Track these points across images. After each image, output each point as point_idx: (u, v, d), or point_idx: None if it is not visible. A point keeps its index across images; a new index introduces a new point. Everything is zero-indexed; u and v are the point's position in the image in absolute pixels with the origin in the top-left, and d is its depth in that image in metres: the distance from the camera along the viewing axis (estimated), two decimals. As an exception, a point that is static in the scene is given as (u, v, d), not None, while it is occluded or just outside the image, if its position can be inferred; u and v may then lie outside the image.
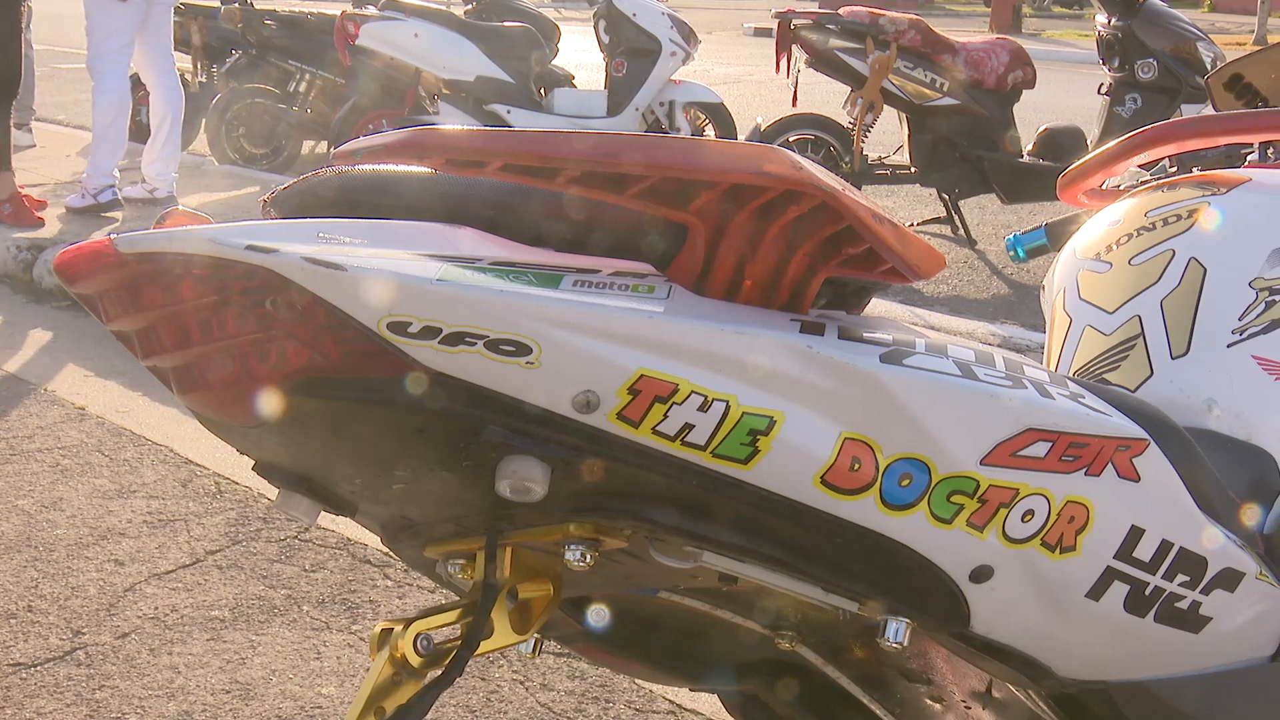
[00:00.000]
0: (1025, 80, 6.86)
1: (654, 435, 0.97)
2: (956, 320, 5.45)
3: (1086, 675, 1.20)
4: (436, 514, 1.13)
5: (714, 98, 8.12)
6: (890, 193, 8.04)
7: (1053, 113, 8.37)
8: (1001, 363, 1.07)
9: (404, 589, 3.03)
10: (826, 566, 1.06)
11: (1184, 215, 1.62)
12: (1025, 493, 1.04)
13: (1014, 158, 6.79)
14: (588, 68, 10.11)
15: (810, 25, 6.77)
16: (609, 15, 7.85)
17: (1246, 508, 1.32)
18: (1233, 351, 1.51)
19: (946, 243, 7.03)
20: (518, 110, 7.58)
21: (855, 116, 6.77)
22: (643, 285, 1.00)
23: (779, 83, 7.01)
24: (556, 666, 2.74)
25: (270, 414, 0.99)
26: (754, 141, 4.99)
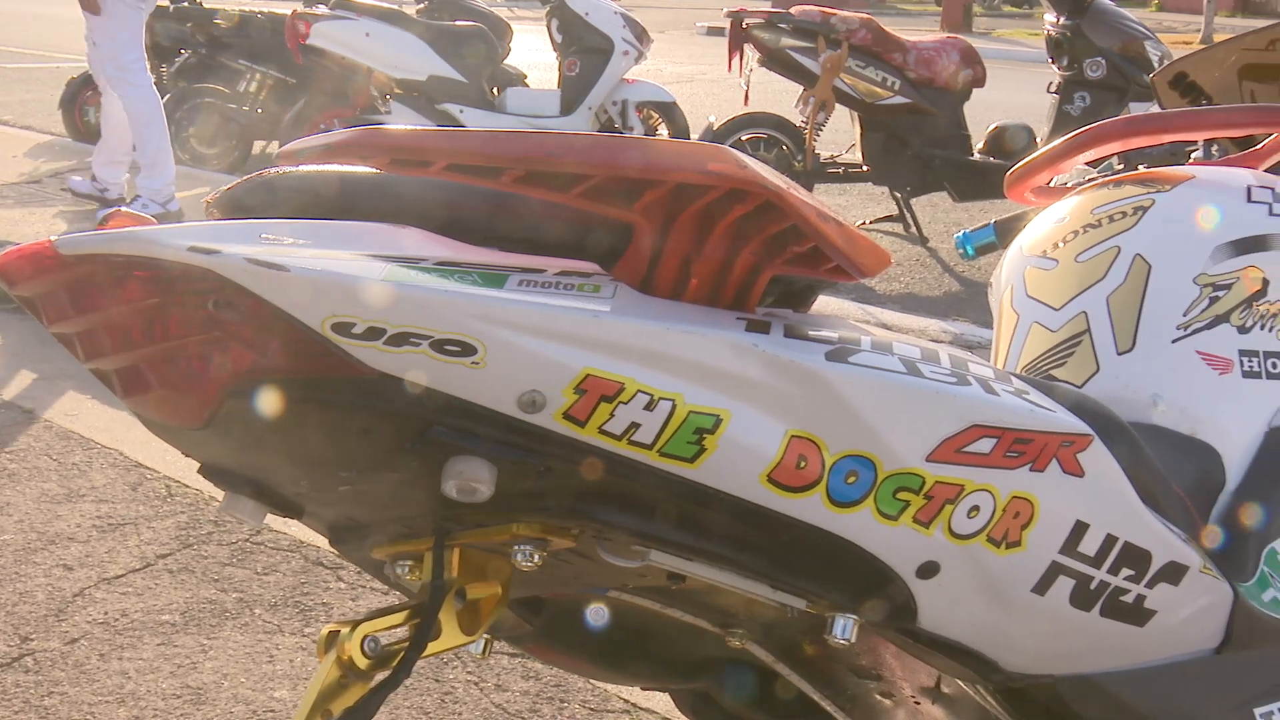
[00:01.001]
0: (975, 79, 6.90)
1: (600, 434, 0.97)
2: (908, 317, 5.48)
3: (1033, 669, 1.20)
4: (383, 515, 1.12)
5: (667, 97, 8.12)
6: (843, 191, 8.06)
7: (1003, 111, 8.41)
8: (947, 360, 1.07)
9: (357, 591, 3.02)
10: (774, 564, 1.06)
11: (1129, 212, 1.63)
12: (970, 489, 1.05)
13: (965, 156, 6.83)
14: (541, 67, 10.08)
15: (762, 24, 6.79)
16: (561, 14, 7.84)
17: (1191, 502, 1.34)
18: (1177, 347, 1.52)
19: (898, 241, 7.07)
20: (470, 110, 7.55)
21: (807, 115, 6.79)
22: (588, 285, 0.99)
23: (732, 81, 7.02)
24: (511, 667, 2.73)
25: (214, 417, 0.99)
26: (706, 140, 5.00)
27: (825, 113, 6.79)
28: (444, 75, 7.49)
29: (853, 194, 8.05)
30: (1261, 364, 1.53)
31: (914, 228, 7.03)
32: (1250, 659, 1.32)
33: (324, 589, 3.03)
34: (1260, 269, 1.56)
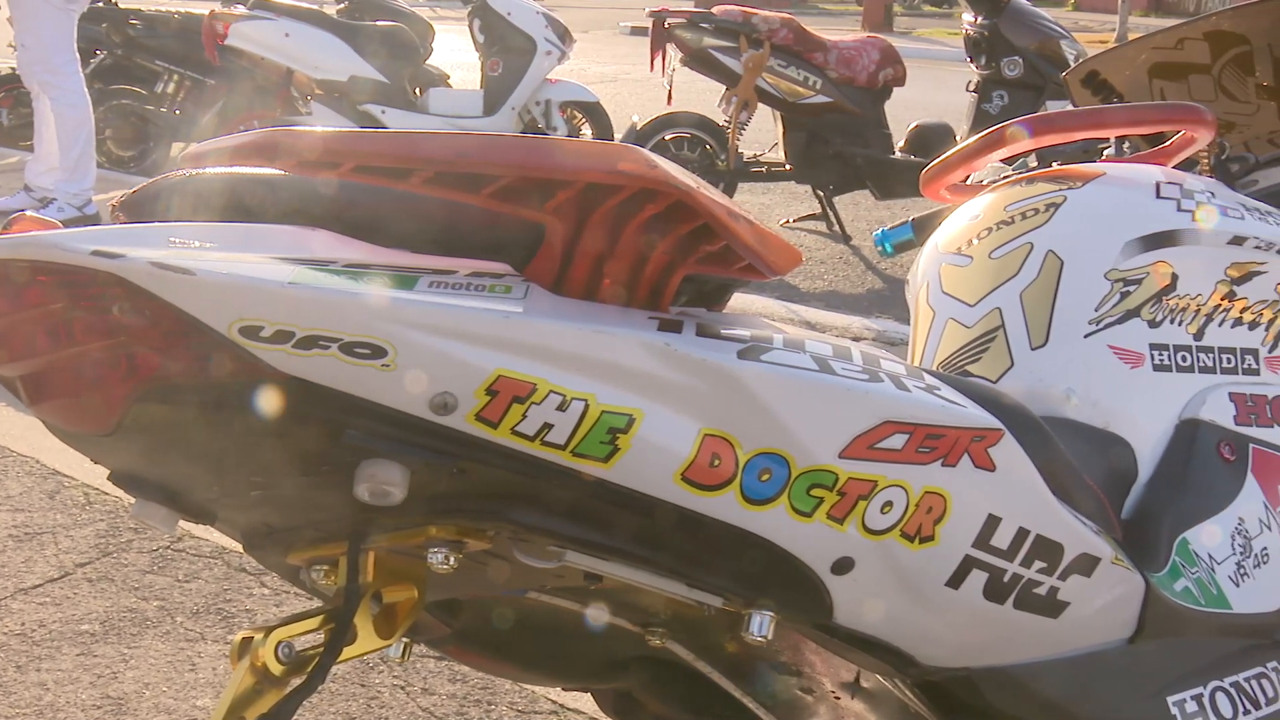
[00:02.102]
0: (895, 78, 6.96)
1: (513, 435, 0.96)
2: (831, 315, 5.52)
3: (950, 662, 1.22)
4: (297, 520, 1.11)
5: (590, 96, 8.12)
6: (766, 190, 8.10)
7: (923, 109, 8.50)
8: (859, 357, 1.08)
9: (281, 596, 2.99)
10: (689, 562, 1.06)
11: (1041, 209, 1.65)
12: (884, 484, 1.05)
13: (886, 154, 6.89)
14: (464, 67, 10.04)
15: (684, 24, 6.80)
16: (483, 14, 7.81)
17: (1104, 494, 1.36)
18: (1090, 341, 1.54)
19: (821, 239, 7.11)
20: (392, 110, 7.51)
21: (730, 114, 6.82)
22: (500, 285, 0.99)
23: (655, 81, 7.03)
24: (438, 670, 2.72)
25: (122, 423, 0.97)
26: (630, 140, 5.00)
27: (748, 112, 6.82)
28: (365, 76, 7.44)
29: (776, 193, 8.09)
30: (1171, 357, 1.55)
31: (837, 226, 7.08)
32: (1163, 648, 1.34)
33: (247, 595, 3.00)
34: (1169, 264, 1.58)
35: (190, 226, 1.00)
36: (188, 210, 1.05)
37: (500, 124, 7.70)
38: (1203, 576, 1.41)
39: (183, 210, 1.05)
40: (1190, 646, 1.37)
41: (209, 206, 1.05)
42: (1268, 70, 2.22)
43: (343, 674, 2.69)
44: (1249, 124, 2.28)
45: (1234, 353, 1.59)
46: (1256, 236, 1.61)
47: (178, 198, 1.06)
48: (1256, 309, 1.60)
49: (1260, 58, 2.22)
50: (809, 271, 6.41)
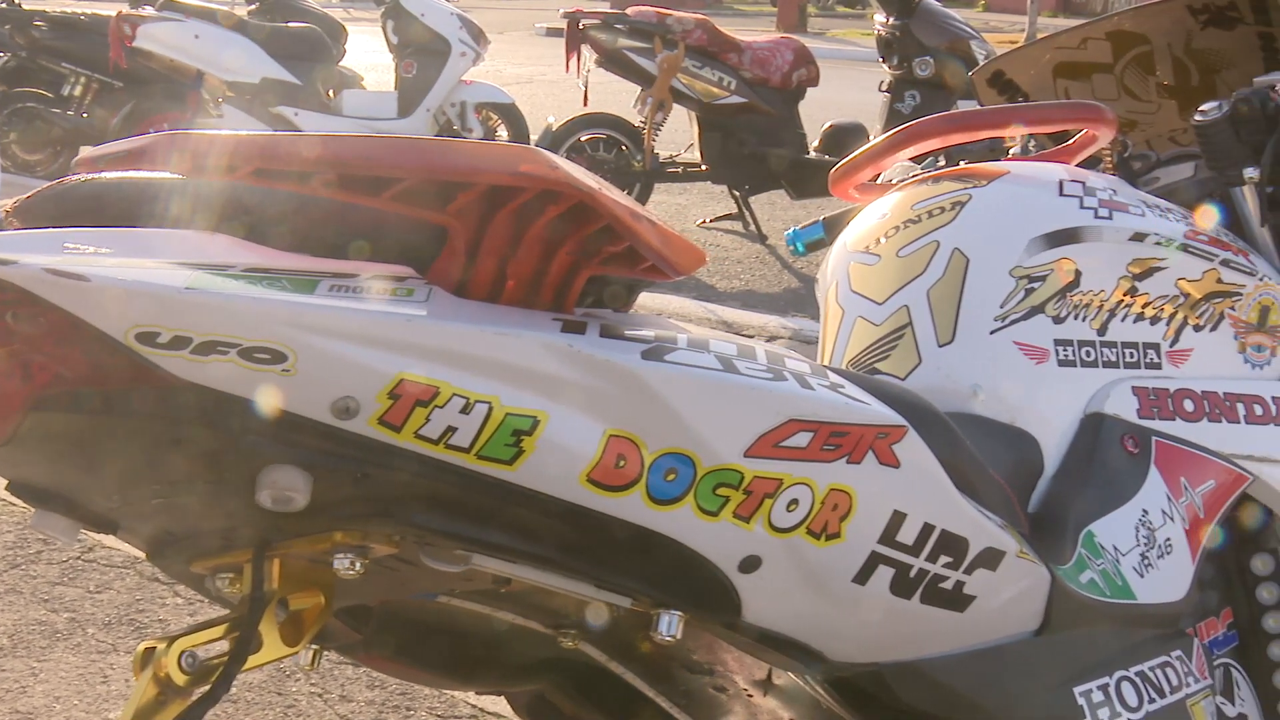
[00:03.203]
0: (809, 78, 7.02)
1: (417, 439, 0.96)
2: (748, 314, 5.55)
3: (859, 658, 1.22)
4: (200, 527, 1.10)
5: (505, 98, 8.09)
6: (683, 190, 8.12)
7: (838, 109, 8.56)
8: (763, 356, 1.08)
9: (195, 605, 2.95)
10: (597, 563, 1.06)
11: (947, 208, 1.67)
12: (789, 482, 1.06)
13: (801, 154, 6.94)
14: (378, 68, 9.97)
15: (599, 25, 6.81)
16: (396, 16, 7.75)
17: (1011, 488, 1.37)
18: (995, 338, 1.56)
19: (738, 239, 7.14)
20: (305, 112, 7.43)
21: (646, 115, 6.83)
22: (401, 289, 0.99)
23: (571, 82, 7.03)
24: (356, 677, 2.70)
25: (17, 432, 0.96)
26: (545, 141, 4.97)
27: (663, 113, 6.84)
28: (277, 78, 7.35)
29: (692, 193, 8.11)
30: (1076, 352, 1.57)
31: (753, 225, 7.12)
32: (1069, 639, 1.36)
33: (160, 605, 2.96)
34: (1073, 260, 1.60)
35: (85, 232, 0.98)
36: (83, 215, 1.03)
37: (415, 126, 7.65)
38: (1108, 568, 1.43)
39: (78, 215, 1.04)
40: (1096, 637, 1.39)
41: (104, 211, 1.03)
42: (1168, 70, 2.26)
43: (259, 682, 2.66)
44: (1151, 122, 2.32)
45: (1136, 347, 1.61)
46: (1157, 233, 1.63)
47: (72, 202, 1.04)
48: (1158, 304, 1.63)
49: (1161, 57, 2.26)
50: (726, 271, 6.44)
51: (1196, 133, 1.88)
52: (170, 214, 1.02)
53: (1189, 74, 2.25)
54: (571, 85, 7.13)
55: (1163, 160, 2.07)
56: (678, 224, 7.46)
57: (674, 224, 7.40)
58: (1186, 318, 1.65)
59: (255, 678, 2.67)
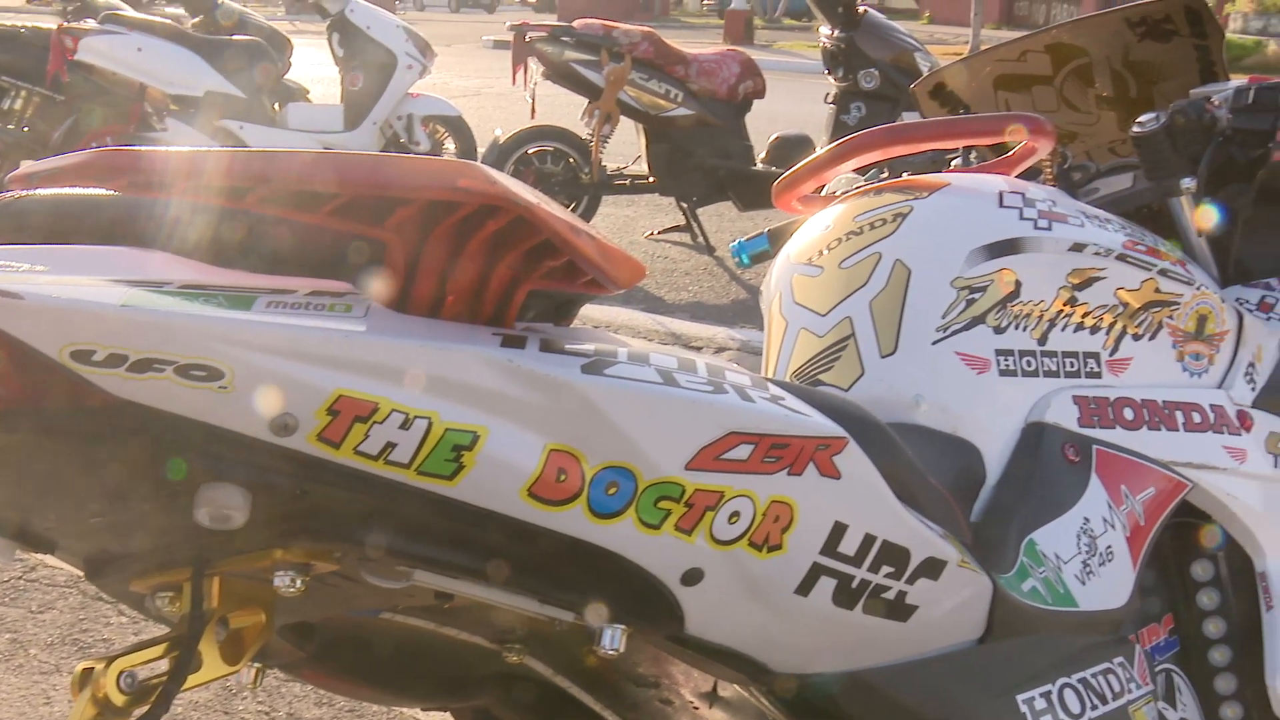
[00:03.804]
0: (756, 90, 7.05)
1: (356, 455, 0.95)
2: (697, 326, 5.56)
3: (803, 669, 1.23)
4: (138, 546, 1.09)
5: (452, 111, 8.08)
6: (630, 202, 8.14)
7: (784, 121, 8.61)
8: (703, 369, 1.09)
9: (139, 624, 2.92)
10: (538, 578, 1.06)
11: (889, 219, 1.68)
12: (730, 495, 1.06)
13: (748, 166, 6.96)
14: (324, 81, 9.93)
15: (545, 38, 6.81)
16: (342, 28, 7.72)
17: (953, 497, 1.38)
18: (937, 348, 1.57)
19: (686, 250, 7.16)
20: (251, 126, 7.38)
21: (593, 128, 6.85)
22: (340, 304, 0.98)
23: (519, 95, 7.04)
24: (303, 694, 2.68)
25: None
26: (494, 154, 4.96)
27: (610, 125, 6.86)
28: (222, 91, 7.30)
29: (640, 205, 8.13)
30: (1017, 362, 1.59)
31: (701, 237, 7.15)
32: (1011, 648, 1.37)
33: (104, 624, 2.93)
34: (1013, 271, 1.61)
35: (19, 249, 0.97)
36: (16, 233, 1.02)
37: (362, 139, 7.62)
38: (1050, 576, 1.44)
39: (11, 233, 1.03)
40: (1039, 645, 1.40)
41: (38, 229, 1.02)
42: (1106, 82, 2.28)
43: (205, 701, 2.64)
44: (1090, 134, 2.34)
45: (1076, 356, 1.63)
46: (1096, 243, 1.65)
47: (5, 220, 1.03)
48: (1097, 314, 1.65)
49: (1099, 69, 2.28)
50: (674, 283, 6.45)
51: (1134, 144, 1.90)
52: (106, 231, 1.01)
53: (1127, 86, 2.28)
54: (519, 98, 7.14)
55: (1102, 171, 2.09)
56: (626, 236, 7.48)
57: (622, 236, 7.42)
58: (1125, 327, 1.66)
59: (201, 696, 2.65)
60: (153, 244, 1.01)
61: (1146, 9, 2.16)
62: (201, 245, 1.01)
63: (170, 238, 1.01)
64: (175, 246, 1.01)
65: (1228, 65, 2.16)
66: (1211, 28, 2.11)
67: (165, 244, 1.01)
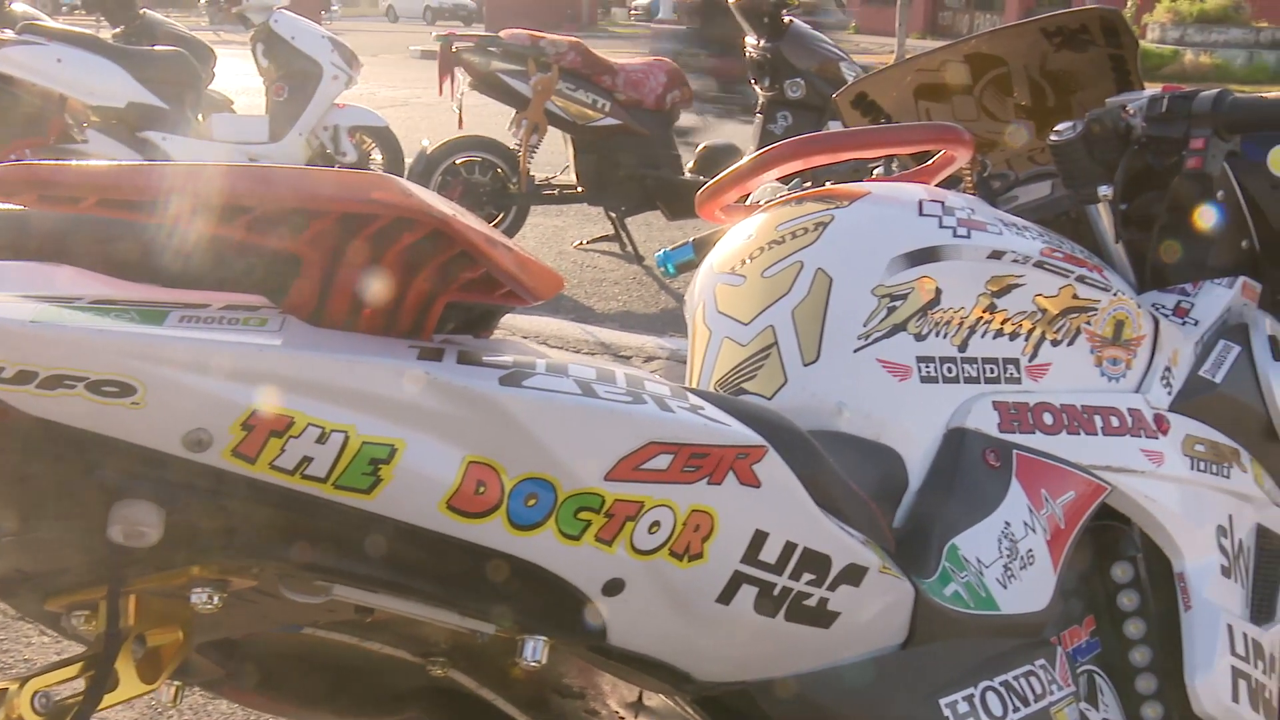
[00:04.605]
0: (683, 100, 7.08)
1: (272, 470, 0.95)
2: (626, 335, 5.56)
3: (727, 677, 1.23)
4: (52, 565, 1.07)
5: (379, 121, 8.04)
6: (559, 212, 8.13)
7: (712, 131, 8.63)
8: (623, 379, 1.09)
9: (62, 644, 2.87)
10: (459, 591, 1.06)
11: (810, 228, 1.69)
12: (650, 505, 1.06)
13: (676, 175, 6.98)
14: (249, 92, 9.84)
15: (472, 48, 6.80)
16: (266, 39, 7.67)
17: (876, 504, 1.39)
18: (859, 356, 1.58)
19: (615, 260, 7.17)
20: (174, 137, 7.28)
21: (521, 138, 6.84)
22: (254, 318, 0.98)
23: (446, 105, 7.01)
24: (230, 712, 2.65)
25: None
26: (421, 164, 4.93)
27: (538, 135, 6.86)
28: (144, 102, 7.21)
29: (568, 215, 8.12)
30: (938, 369, 1.60)
31: (629, 247, 7.15)
32: (934, 652, 1.38)
33: (25, 644, 2.88)
34: (933, 278, 1.63)
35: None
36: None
37: (287, 150, 7.56)
38: (971, 580, 1.45)
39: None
40: (961, 648, 1.41)
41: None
42: (1025, 91, 2.31)
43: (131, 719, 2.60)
44: (1010, 142, 2.37)
45: (996, 362, 1.64)
46: (1014, 251, 1.67)
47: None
48: (1016, 320, 1.66)
49: (1017, 79, 2.31)
50: (603, 293, 6.45)
51: (1052, 152, 1.92)
52: (14, 246, 1.00)
53: (1045, 95, 2.30)
54: (446, 108, 7.11)
55: (1021, 179, 2.11)
56: (554, 246, 7.47)
57: (551, 246, 7.42)
58: (1044, 333, 1.68)
59: (125, 715, 2.61)
60: (64, 259, 1.00)
61: (1063, 19, 2.18)
62: (114, 260, 1.00)
63: (82, 252, 1.00)
64: (87, 261, 0.99)
65: (1144, 74, 2.19)
66: (1126, 37, 2.14)
67: (77, 258, 1.00)
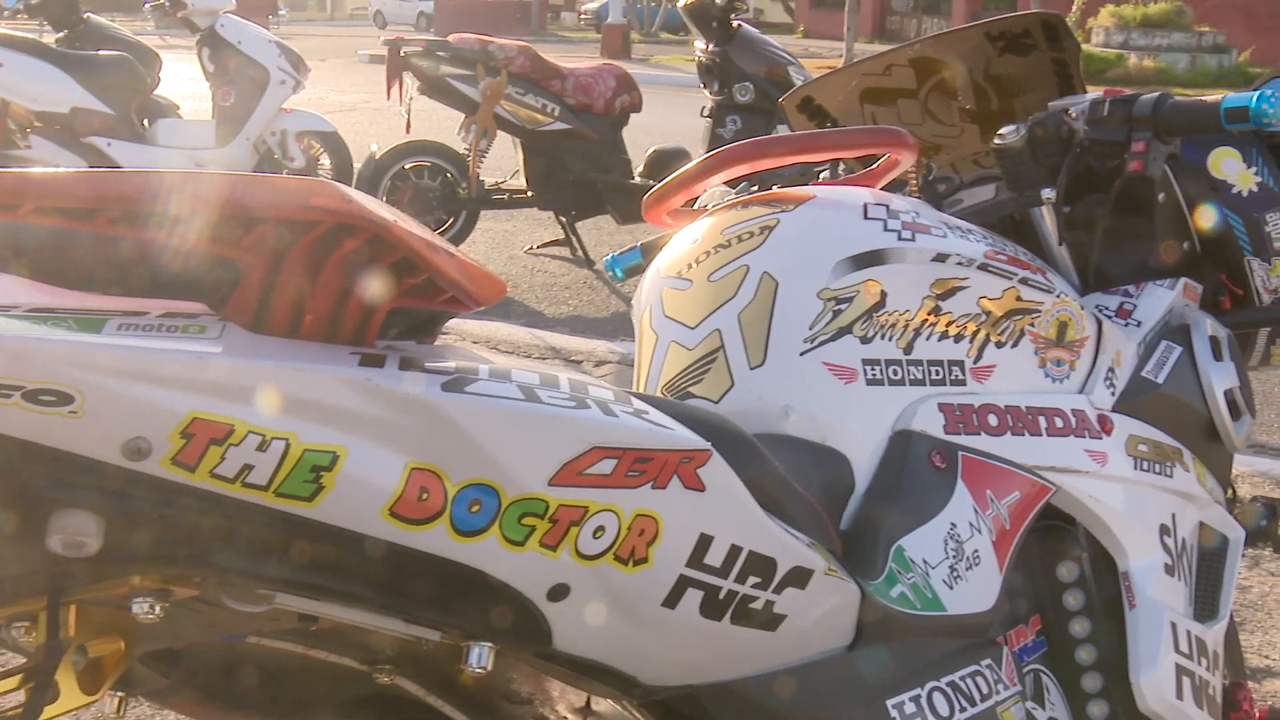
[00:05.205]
0: (632, 104, 7.09)
1: (212, 479, 0.94)
2: (577, 339, 5.56)
3: (674, 681, 1.23)
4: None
5: (327, 126, 8.00)
6: (509, 217, 8.12)
7: (662, 135, 8.64)
8: (566, 384, 1.09)
9: (4, 656, 2.84)
10: (403, 598, 1.05)
11: (756, 232, 1.69)
12: (595, 510, 1.06)
13: (626, 179, 6.99)
14: (196, 96, 9.77)
15: (421, 52, 6.79)
16: (212, 43, 7.61)
17: (823, 507, 1.40)
18: (805, 359, 1.58)
19: (566, 264, 7.16)
20: (119, 143, 7.22)
21: (470, 142, 6.83)
22: (194, 326, 0.97)
23: (395, 110, 6.99)
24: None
25: None
26: (370, 169, 4.91)
27: (487, 140, 6.85)
28: (88, 107, 7.14)
29: (519, 219, 8.12)
30: (884, 371, 1.60)
31: (580, 251, 7.16)
32: (880, 653, 1.38)
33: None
34: (878, 282, 1.63)
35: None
36: None
37: (234, 155, 7.50)
38: (918, 581, 1.45)
39: None
40: (907, 649, 1.42)
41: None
42: (969, 94, 2.32)
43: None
44: (955, 146, 2.38)
45: (941, 365, 1.65)
46: (958, 253, 1.67)
47: None
48: (961, 322, 1.67)
49: (962, 82, 2.32)
50: (554, 297, 6.45)
51: (996, 155, 1.93)
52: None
53: (989, 98, 2.31)
54: (396, 113, 7.09)
55: (966, 182, 2.12)
56: (505, 251, 7.46)
57: (501, 251, 7.41)
58: (989, 335, 1.69)
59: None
60: (0, 267, 0.98)
61: (1006, 23, 2.20)
62: (52, 267, 0.99)
63: (19, 260, 0.99)
64: (24, 269, 0.98)
65: (1089, 78, 2.21)
66: (1068, 42, 2.16)
67: (12, 267, 0.99)
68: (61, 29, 8.23)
